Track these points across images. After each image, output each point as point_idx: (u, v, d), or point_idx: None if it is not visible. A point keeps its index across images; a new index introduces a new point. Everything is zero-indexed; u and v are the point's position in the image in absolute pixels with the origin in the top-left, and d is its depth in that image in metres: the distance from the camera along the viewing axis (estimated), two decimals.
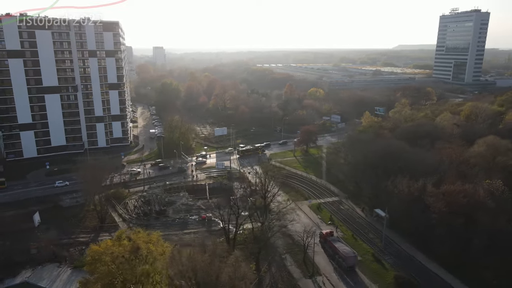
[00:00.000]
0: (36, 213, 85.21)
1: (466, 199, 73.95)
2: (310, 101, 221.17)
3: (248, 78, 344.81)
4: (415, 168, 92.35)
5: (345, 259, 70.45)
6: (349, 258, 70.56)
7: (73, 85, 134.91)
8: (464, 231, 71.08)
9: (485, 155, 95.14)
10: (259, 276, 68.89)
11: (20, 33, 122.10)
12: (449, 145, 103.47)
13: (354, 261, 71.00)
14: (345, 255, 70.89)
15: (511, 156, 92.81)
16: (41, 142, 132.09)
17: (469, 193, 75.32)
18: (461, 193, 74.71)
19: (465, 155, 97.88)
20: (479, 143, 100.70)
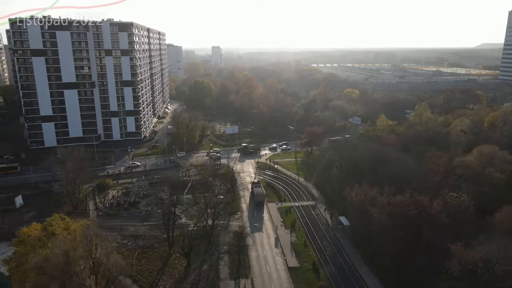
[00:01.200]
0: (18, 196, 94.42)
1: (416, 212, 67.50)
2: (339, 102, 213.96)
3: (291, 78, 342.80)
4: (396, 176, 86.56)
5: (256, 196, 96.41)
6: (258, 196, 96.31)
7: (90, 81, 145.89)
8: (408, 247, 65.01)
9: (473, 166, 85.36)
10: (185, 272, 69.92)
11: (42, 34, 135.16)
12: (439, 153, 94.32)
13: (262, 199, 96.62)
14: (256, 194, 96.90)
15: (500, 168, 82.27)
16: (60, 133, 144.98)
17: (421, 205, 68.55)
18: (411, 205, 68.20)
19: (452, 164, 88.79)
20: (473, 152, 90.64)
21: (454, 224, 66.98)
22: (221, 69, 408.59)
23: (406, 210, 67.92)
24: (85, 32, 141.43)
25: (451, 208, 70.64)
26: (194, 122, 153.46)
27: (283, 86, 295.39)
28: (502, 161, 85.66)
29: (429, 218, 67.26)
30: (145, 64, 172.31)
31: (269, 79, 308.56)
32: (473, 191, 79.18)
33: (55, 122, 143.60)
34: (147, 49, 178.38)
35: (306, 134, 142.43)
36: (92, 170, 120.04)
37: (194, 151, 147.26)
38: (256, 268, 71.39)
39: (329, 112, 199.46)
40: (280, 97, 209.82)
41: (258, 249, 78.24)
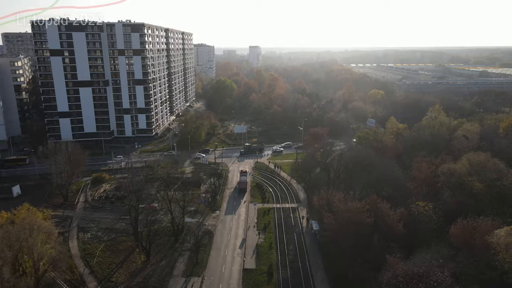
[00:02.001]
0: (16, 185, 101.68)
1: (372, 220, 64.43)
2: (359, 104, 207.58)
3: (320, 78, 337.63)
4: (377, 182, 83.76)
5: (239, 183, 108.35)
6: (241, 183, 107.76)
7: (104, 80, 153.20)
8: (359, 255, 62.31)
9: (457, 173, 79.57)
10: (143, 266, 71.82)
11: (60, 35, 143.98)
12: (425, 159, 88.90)
13: (244, 186, 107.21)
14: (239, 181, 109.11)
15: (484, 176, 76.02)
16: (76, 128, 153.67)
17: (379, 213, 65.32)
18: (367, 212, 65.19)
19: (437, 171, 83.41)
20: (461, 160, 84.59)
21: (408, 235, 63.14)
22: (252, 69, 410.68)
23: (362, 217, 65.14)
24: (99, 33, 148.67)
25: (414, 218, 66.75)
26: (200, 121, 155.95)
27: (309, 86, 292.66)
28: (492, 170, 79.02)
29: (383, 227, 64.10)
30: (161, 63, 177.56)
31: (298, 79, 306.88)
32: (452, 200, 74.56)
33: (71, 118, 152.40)
34: (163, 48, 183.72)
35: (308, 135, 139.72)
36: (96, 164, 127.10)
37: (199, 149, 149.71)
38: (212, 268, 71.68)
39: (346, 113, 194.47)
40: (297, 97, 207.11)
41: (222, 248, 78.47)
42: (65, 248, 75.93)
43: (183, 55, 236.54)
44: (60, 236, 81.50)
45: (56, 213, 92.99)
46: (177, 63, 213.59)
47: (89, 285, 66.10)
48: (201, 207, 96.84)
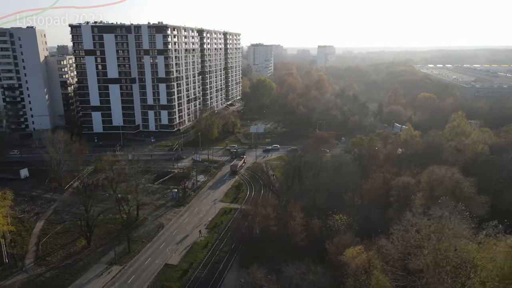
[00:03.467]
0: (24, 169, 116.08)
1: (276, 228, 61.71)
2: (396, 107, 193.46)
3: (377, 80, 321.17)
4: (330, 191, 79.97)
5: (231, 167, 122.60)
6: (232, 166, 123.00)
7: (130, 77, 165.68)
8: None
9: (410, 188, 71.52)
10: (80, 250, 77.84)
11: (93, 36, 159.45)
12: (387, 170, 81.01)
13: (234, 168, 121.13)
14: (231, 164, 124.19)
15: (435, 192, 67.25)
16: (105, 121, 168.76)
17: (284, 222, 62.17)
18: (274, 220, 62.44)
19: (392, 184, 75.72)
20: (423, 174, 75.64)
21: (311, 246, 59.02)
22: (310, 70, 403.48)
23: (268, 223, 62.68)
24: (126, 34, 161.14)
25: (328, 230, 62.16)
26: (212, 119, 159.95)
27: (361, 88, 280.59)
28: (450, 186, 69.40)
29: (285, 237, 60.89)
30: (190, 62, 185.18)
31: (350, 80, 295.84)
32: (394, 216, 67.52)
33: (102, 112, 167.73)
34: (195, 48, 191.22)
35: (311, 138, 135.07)
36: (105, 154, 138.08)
37: (211, 146, 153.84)
38: (139, 260, 74.91)
39: (376, 117, 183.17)
40: (328, 99, 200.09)
41: (161, 242, 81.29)
42: (29, 226, 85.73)
43: (225, 55, 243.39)
44: (33, 216, 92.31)
45: (45, 195, 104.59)
46: (214, 62, 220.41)
47: (26, 260, 73.88)
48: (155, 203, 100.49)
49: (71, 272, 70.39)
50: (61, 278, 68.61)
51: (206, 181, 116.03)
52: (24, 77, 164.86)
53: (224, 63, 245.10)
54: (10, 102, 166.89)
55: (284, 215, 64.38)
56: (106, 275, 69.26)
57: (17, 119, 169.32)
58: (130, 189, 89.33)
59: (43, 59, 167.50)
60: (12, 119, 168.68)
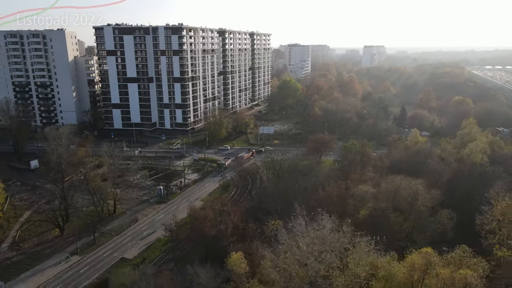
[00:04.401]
0: (34, 160, 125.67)
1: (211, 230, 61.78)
2: (421, 111, 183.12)
3: (418, 82, 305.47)
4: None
5: (237, 158, 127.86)
6: (238, 158, 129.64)
7: (148, 77, 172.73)
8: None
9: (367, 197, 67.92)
10: (52, 238, 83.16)
11: (114, 38, 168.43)
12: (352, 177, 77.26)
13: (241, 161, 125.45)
14: (238, 156, 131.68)
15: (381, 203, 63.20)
16: (124, 118, 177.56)
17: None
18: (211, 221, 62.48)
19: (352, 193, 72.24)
20: (382, 183, 71.40)
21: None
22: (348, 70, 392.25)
23: (204, 225, 62.95)
24: (144, 35, 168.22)
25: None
26: (221, 118, 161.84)
27: (397, 90, 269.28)
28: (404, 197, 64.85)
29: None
30: (208, 63, 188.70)
31: (384, 82, 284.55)
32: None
33: (121, 109, 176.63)
34: (214, 49, 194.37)
35: (311, 141, 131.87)
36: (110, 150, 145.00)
37: (217, 146, 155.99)
38: (100, 252, 78.50)
39: (395, 121, 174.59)
40: (347, 101, 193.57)
41: (128, 235, 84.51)
42: (19, 213, 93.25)
43: (252, 55, 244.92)
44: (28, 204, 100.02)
45: (46, 186, 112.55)
46: (238, 62, 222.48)
47: (3, 245, 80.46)
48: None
49: (36, 258, 75.60)
50: (24, 263, 73.96)
51: (196, 180, 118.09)
52: (55, 75, 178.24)
53: (250, 63, 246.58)
54: (42, 98, 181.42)
55: (227, 218, 64.05)
56: (63, 264, 73.51)
57: (48, 114, 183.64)
58: (103, 184, 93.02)
59: (72, 59, 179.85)
60: (44, 114, 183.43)
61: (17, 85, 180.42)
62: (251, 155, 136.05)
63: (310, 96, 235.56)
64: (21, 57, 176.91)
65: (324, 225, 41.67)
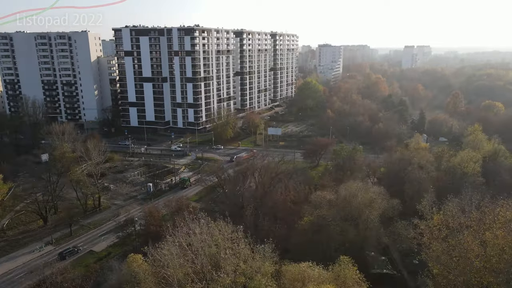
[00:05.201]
0: (45, 154, 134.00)
1: None
2: (441, 116, 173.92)
3: (454, 85, 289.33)
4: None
5: (236, 158, 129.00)
6: (237, 158, 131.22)
7: (162, 77, 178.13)
8: None
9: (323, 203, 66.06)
10: (36, 227, 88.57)
11: (131, 39, 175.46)
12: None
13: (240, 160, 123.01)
14: (237, 156, 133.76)
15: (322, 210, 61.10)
16: (140, 116, 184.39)
17: None
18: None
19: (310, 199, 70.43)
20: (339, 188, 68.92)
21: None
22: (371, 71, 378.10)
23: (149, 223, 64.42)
24: (159, 36, 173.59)
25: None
26: (228, 119, 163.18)
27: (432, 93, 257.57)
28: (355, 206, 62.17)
29: None
30: (222, 63, 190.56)
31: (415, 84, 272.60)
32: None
33: (137, 108, 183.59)
34: (230, 49, 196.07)
35: (309, 144, 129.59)
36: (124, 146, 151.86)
37: (225, 145, 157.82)
38: (73, 243, 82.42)
39: (409, 126, 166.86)
40: (364, 103, 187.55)
41: (102, 230, 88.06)
42: (17, 203, 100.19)
43: (274, 56, 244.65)
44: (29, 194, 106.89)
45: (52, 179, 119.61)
46: (257, 63, 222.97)
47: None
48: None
49: (15, 245, 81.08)
50: (3, 250, 79.56)
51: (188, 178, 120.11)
52: (78, 74, 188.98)
53: (272, 64, 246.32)
54: (67, 96, 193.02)
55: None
56: (36, 253, 78.21)
57: (72, 111, 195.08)
58: (85, 179, 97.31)
59: (95, 59, 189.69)
60: (69, 110, 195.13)
61: (46, 83, 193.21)
62: (251, 155, 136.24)
63: (329, 98, 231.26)
64: (49, 57, 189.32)
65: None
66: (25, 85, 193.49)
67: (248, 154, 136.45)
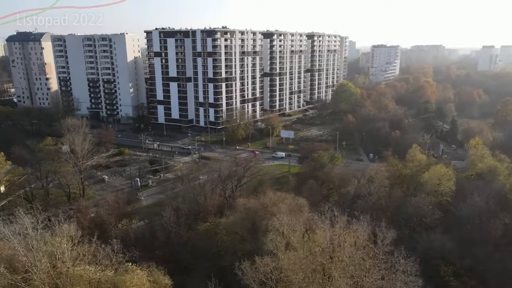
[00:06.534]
0: (65, 145, 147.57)
1: None
2: (475, 124, 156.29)
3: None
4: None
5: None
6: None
7: (186, 77, 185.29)
8: None
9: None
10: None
11: (159, 40, 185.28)
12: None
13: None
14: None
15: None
16: (166, 114, 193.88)
17: None
18: None
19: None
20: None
21: None
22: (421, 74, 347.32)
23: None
24: (184, 38, 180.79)
25: None
26: (239, 121, 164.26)
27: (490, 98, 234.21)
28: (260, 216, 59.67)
29: None
30: (247, 64, 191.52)
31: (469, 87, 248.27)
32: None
33: (164, 105, 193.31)
34: (257, 51, 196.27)
35: (303, 149, 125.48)
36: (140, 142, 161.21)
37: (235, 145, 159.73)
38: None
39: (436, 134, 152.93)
40: (390, 108, 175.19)
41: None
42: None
43: (311, 57, 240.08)
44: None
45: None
46: (288, 64, 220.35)
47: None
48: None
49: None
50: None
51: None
52: (116, 73, 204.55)
53: (309, 65, 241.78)
54: (107, 93, 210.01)
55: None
56: None
57: (111, 106, 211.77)
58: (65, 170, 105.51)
59: (131, 59, 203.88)
60: (109, 106, 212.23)
61: (90, 81, 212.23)
62: (252, 157, 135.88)
63: (363, 102, 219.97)
64: (93, 57, 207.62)
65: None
66: (75, 82, 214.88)
67: (249, 155, 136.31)
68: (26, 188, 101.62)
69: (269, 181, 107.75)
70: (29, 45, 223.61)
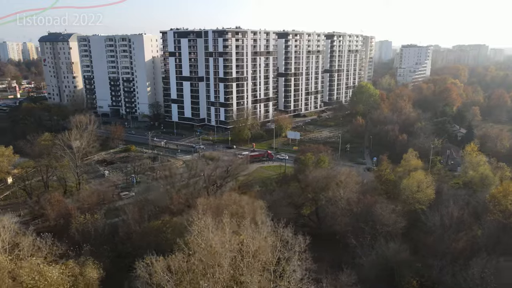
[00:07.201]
0: (76, 141, 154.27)
1: None
2: (494, 130, 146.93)
3: None
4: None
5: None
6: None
7: (198, 76, 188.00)
8: None
9: None
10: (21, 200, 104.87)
11: (174, 41, 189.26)
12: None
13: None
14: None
15: None
16: (180, 113, 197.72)
17: None
18: None
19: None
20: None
21: None
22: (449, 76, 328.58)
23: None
24: (196, 38, 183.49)
25: None
26: (245, 122, 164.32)
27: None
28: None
29: None
30: (259, 64, 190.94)
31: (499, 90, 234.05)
32: None
33: (178, 104, 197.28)
34: (270, 51, 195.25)
35: (301, 150, 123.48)
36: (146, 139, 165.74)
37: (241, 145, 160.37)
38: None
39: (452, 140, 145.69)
40: (403, 112, 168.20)
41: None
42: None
43: (330, 57, 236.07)
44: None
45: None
46: (306, 65, 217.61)
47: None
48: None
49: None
50: None
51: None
52: (135, 72, 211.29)
53: (328, 66, 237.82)
54: (126, 91, 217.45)
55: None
56: None
57: (130, 104, 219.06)
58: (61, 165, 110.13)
59: (149, 59, 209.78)
60: (128, 104, 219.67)
61: (112, 80, 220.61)
62: (258, 154, 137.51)
63: (380, 104, 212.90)
64: (114, 56, 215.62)
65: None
66: (98, 80, 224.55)
67: (246, 155, 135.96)
68: (26, 182, 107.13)
69: (259, 182, 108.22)
70: (58, 45, 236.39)
